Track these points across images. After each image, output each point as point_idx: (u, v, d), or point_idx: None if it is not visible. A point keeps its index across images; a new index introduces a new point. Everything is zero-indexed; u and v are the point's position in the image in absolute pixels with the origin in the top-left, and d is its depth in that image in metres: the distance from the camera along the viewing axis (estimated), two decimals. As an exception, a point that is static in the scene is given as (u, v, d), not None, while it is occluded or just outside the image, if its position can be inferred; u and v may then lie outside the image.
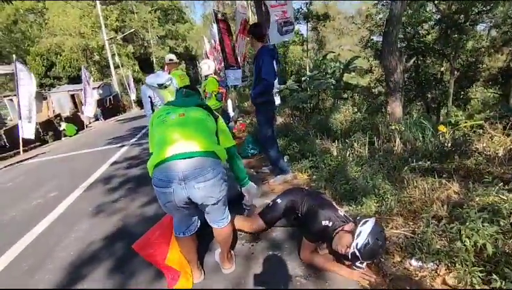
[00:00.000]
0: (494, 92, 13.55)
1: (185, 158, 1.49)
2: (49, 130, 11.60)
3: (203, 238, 2.11)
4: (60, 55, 23.03)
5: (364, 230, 1.65)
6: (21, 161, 7.45)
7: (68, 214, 3.30)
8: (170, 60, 4.66)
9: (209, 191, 1.54)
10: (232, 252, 2.03)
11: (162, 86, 3.52)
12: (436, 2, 11.41)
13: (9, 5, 23.62)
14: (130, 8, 30.22)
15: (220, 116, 1.89)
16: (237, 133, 6.04)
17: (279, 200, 2.22)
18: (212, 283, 1.85)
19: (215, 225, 1.77)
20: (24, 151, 8.85)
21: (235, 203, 2.34)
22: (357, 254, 1.64)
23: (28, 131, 8.46)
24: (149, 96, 3.53)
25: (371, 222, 1.68)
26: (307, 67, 16.27)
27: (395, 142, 3.48)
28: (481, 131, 3.66)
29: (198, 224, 1.84)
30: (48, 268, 2.27)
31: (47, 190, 4.29)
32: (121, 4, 29.20)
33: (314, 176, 3.15)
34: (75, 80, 21.02)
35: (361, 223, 1.70)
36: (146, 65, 28.26)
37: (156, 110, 2.32)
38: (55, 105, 16.42)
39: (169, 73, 4.48)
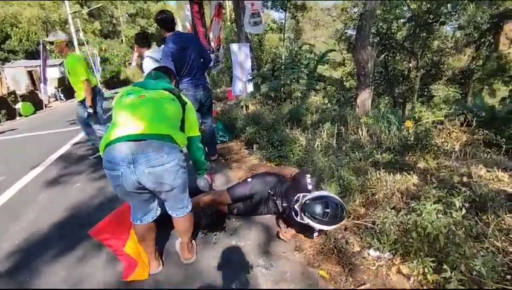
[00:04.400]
0: (455, 91, 14.41)
1: (135, 140, 1.40)
2: (1, 108, 10.61)
3: (164, 227, 2.01)
4: (17, 27, 20.95)
5: (322, 193, 1.78)
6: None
7: (16, 201, 3.03)
8: (64, 40, 3.68)
9: (161, 177, 1.44)
10: (193, 241, 1.96)
11: None
12: (408, 0, 11.76)
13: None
14: (98, -20, 28.11)
15: (188, 103, 1.79)
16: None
17: (249, 179, 2.25)
18: (170, 274, 1.78)
19: (174, 213, 1.69)
20: (-29, 130, 8.05)
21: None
22: (301, 200, 1.81)
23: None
24: None
25: (333, 194, 1.78)
26: (283, 56, 16.24)
27: (362, 134, 3.56)
28: (441, 127, 3.85)
29: (158, 212, 1.74)
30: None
31: (-6, 174, 3.91)
32: (87, -25, 27.08)
33: (282, 166, 3.13)
34: (33, 55, 19.32)
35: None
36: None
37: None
38: (9, 81, 15.03)
39: (61, 54, 3.81)
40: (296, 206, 1.85)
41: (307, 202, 1.78)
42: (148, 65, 3.45)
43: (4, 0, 21.32)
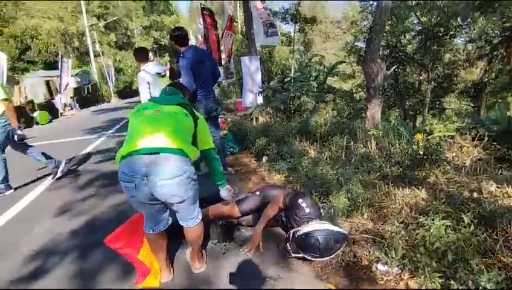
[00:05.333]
0: (467, 104, 14.21)
1: (150, 153, 1.49)
2: (19, 117, 10.99)
3: (175, 236, 2.06)
4: (37, 39, 21.89)
5: (315, 226, 1.77)
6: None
7: (31, 209, 3.13)
8: None
9: (174, 189, 1.51)
10: (203, 251, 2.01)
11: (160, 75, 3.73)
12: (418, 14, 11.80)
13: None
14: (114, -6, 29.23)
15: (201, 118, 1.86)
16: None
17: (258, 193, 2.29)
18: (181, 283, 1.82)
19: (185, 223, 1.74)
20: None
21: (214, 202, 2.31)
22: (291, 235, 1.84)
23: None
24: (148, 83, 3.60)
25: (327, 225, 1.78)
26: (292, 69, 16.42)
27: (371, 147, 3.57)
28: (452, 141, 3.83)
29: (169, 222, 1.80)
30: (9, 263, 2.15)
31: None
32: (104, -10, 28.20)
33: (291, 178, 3.17)
34: (52, 65, 20.07)
35: (323, 222, 1.84)
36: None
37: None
38: (28, 91, 15.56)
39: None
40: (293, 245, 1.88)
41: (302, 236, 1.77)
42: (141, 78, 3.59)
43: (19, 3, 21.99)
